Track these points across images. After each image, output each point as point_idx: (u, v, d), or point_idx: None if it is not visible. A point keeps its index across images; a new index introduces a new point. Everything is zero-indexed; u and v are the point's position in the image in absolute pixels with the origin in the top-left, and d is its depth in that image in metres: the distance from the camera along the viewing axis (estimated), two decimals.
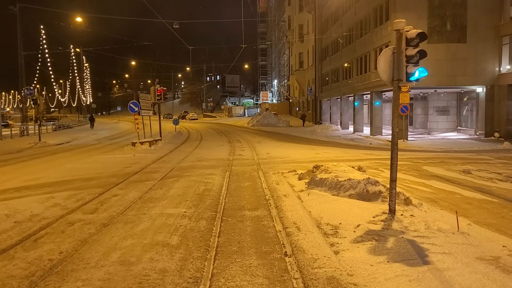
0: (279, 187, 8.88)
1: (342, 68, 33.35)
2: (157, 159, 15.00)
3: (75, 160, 15.49)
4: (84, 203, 7.66)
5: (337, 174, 7.75)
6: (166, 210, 7.05)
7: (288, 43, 60.13)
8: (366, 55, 26.98)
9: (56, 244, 5.24)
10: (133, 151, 17.22)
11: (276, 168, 12.06)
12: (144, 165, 13.29)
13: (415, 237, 4.97)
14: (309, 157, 14.95)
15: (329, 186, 7.52)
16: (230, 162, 13.75)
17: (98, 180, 10.48)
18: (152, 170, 12.07)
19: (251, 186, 9.21)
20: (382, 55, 5.83)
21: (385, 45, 23.38)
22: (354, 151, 17.55)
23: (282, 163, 13.21)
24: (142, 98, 18.98)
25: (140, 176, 11.06)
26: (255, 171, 11.57)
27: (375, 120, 25.78)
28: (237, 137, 27.51)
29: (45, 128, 37.37)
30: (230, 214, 6.68)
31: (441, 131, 26.20)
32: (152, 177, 10.79)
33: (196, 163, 13.57)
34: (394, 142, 5.75)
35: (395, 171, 5.75)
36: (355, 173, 7.82)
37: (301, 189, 8.25)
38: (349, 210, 6.17)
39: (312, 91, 44.38)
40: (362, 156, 15.33)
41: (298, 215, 6.36)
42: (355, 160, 13.88)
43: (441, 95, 26.15)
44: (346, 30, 31.09)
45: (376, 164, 12.83)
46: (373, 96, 25.73)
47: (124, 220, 6.43)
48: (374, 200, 6.71)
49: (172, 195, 8.32)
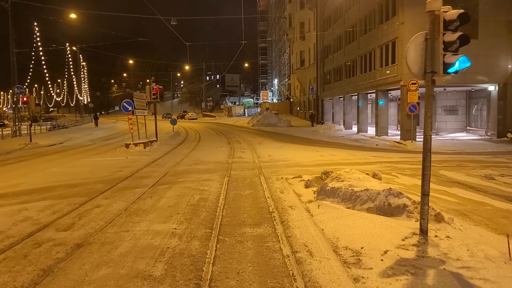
0: (284, 196, 7.86)
1: (345, 66, 32.33)
2: (150, 162, 13.98)
3: (63, 163, 14.47)
4: (60, 216, 6.65)
5: (351, 183, 6.73)
6: (153, 226, 6.03)
7: (288, 41, 59.11)
8: (370, 52, 25.94)
9: (12, 275, 4.23)
10: (126, 153, 16.21)
11: (279, 172, 11.05)
12: (136, 169, 12.28)
13: (459, 269, 3.96)
14: (314, 160, 13.94)
15: (342, 197, 6.51)
16: (229, 165, 12.73)
17: (83, 186, 9.47)
18: (144, 175, 11.06)
19: (252, 194, 8.19)
20: (412, 42, 4.80)
21: (391, 41, 22.36)
22: (361, 153, 16.53)
23: (286, 167, 12.20)
24: (136, 97, 17.97)
25: (130, 182, 10.05)
26: (257, 176, 10.55)
27: (380, 120, 24.75)
28: (237, 137, 26.49)
29: (39, 128, 36.38)
30: (228, 232, 5.67)
31: (450, 131, 25.17)
32: (142, 183, 9.78)
33: (192, 167, 12.55)
34: (427, 148, 4.73)
35: (427, 183, 4.73)
36: (372, 182, 6.81)
37: (310, 200, 7.24)
38: (371, 228, 5.16)
39: (313, 90, 43.35)
40: (370, 159, 14.31)
41: (309, 234, 5.34)
42: (364, 164, 12.87)
43: (449, 93, 25.11)
44: (349, 27, 30.05)
45: (388, 168, 11.81)
46: (379, 95, 24.70)
47: (102, 239, 5.41)
48: (397, 215, 5.70)
49: (163, 206, 7.30)
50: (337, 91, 34.93)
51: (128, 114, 17.93)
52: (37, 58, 37.86)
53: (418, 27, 20.72)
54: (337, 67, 35.10)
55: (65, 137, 29.75)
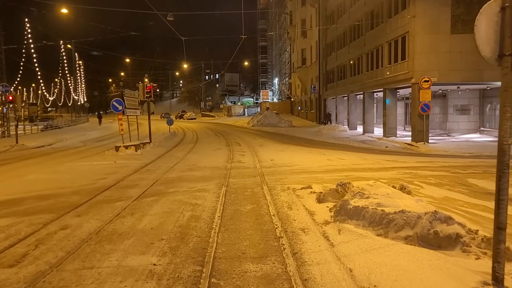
0: (293, 214, 6.48)
1: (349, 64, 30.93)
2: (140, 167, 12.60)
3: (44, 168, 13.08)
4: (12, 244, 5.27)
5: (379, 201, 5.35)
6: (127, 259, 4.65)
7: (289, 39, 57.77)
8: (377, 48, 24.55)
9: None
10: (115, 157, 14.82)
11: (284, 180, 9.68)
12: (122, 176, 10.89)
13: None
14: (322, 165, 12.55)
15: (370, 219, 5.13)
16: (228, 172, 11.35)
17: (56, 199, 8.09)
18: (130, 184, 9.68)
19: (254, 211, 6.81)
20: (483, 13, 3.41)
21: (401, 36, 20.96)
22: (372, 157, 15.15)
23: (291, 174, 10.82)
24: (127, 96, 16.57)
25: (112, 192, 8.67)
26: (259, 185, 9.17)
27: (388, 120, 23.34)
28: (236, 138, 25.10)
29: (30, 129, 35.06)
30: (224, 270, 4.29)
31: (462, 132, 23.77)
32: (126, 194, 8.40)
33: (186, 174, 11.16)
34: (503, 163, 3.34)
35: (504, 212, 3.35)
36: (406, 200, 5.42)
37: (326, 220, 5.86)
38: (419, 272, 3.77)
39: (316, 89, 41.97)
40: (384, 163, 12.92)
41: (333, 277, 3.96)
42: (378, 170, 11.49)
43: (461, 92, 23.71)
44: (354, 22, 28.65)
45: (407, 175, 10.41)
46: (387, 94, 23.30)
47: (54, 283, 4.03)
48: (448, 248, 4.32)
49: (144, 227, 5.92)
50: (341, 90, 33.55)
51: (118, 114, 16.54)
52: (30, 55, 36.43)
53: (431, 20, 19.37)
54: (340, 65, 33.71)
55: (56, 138, 28.35)
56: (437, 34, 19.09)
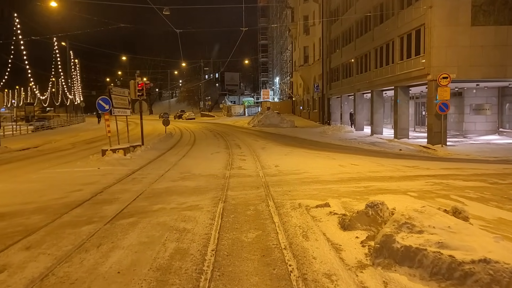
0: (311, 247, 4.85)
1: (356, 60, 29.29)
2: (126, 175, 10.98)
3: (16, 176, 11.45)
4: None
5: (440, 238, 3.73)
6: None
7: (291, 37, 56.20)
8: (388, 43, 22.90)
9: None
10: (100, 162, 13.19)
11: (293, 193, 8.06)
12: (102, 186, 9.28)
13: None
14: (334, 173, 10.92)
15: (431, 269, 3.50)
16: (226, 181, 9.73)
17: (11, 220, 6.49)
18: (108, 198, 8.06)
19: (259, 241, 5.18)
20: None
21: (415, 29, 19.31)
22: (388, 161, 13.52)
23: (300, 184, 9.19)
24: (115, 94, 14.93)
25: (83, 211, 7.05)
26: (263, 200, 7.55)
27: (400, 121, 21.70)
28: (236, 140, 23.48)
29: (21, 130, 33.48)
30: None
31: (479, 133, 22.13)
32: (100, 213, 6.79)
33: (177, 184, 9.54)
34: None
35: None
36: (479, 237, 3.80)
37: (360, 261, 4.24)
38: None
39: (319, 88, 40.33)
40: (405, 170, 11.27)
41: None
42: (401, 179, 9.85)
43: (478, 90, 22.04)
44: (361, 16, 27.01)
45: (439, 186, 8.77)
46: (398, 92, 21.65)
47: None
48: None
49: (108, 272, 4.29)
50: (346, 89, 31.90)
51: (104, 114, 14.93)
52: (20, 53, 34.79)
53: (450, 11, 17.55)
54: (346, 62, 32.06)
55: (45, 140, 26.78)
56: (456, 26, 17.44)
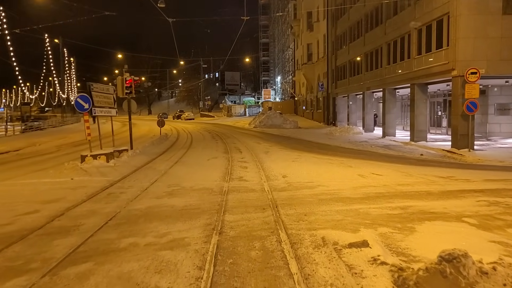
0: None
1: (365, 57, 27.28)
2: (101, 188, 8.99)
3: None
4: None
5: None
6: None
7: (293, 35, 54.21)
8: (403, 37, 20.91)
9: None
10: (75, 170, 11.19)
11: (311, 219, 6.06)
12: (66, 205, 7.29)
13: None
14: (355, 185, 8.91)
15: None
16: (223, 198, 7.72)
17: None
18: (67, 225, 6.08)
19: None
20: None
21: (437, 19, 17.31)
22: (415, 170, 11.50)
23: (318, 204, 7.17)
24: (96, 91, 12.93)
25: (24, 248, 5.07)
26: (272, 231, 5.54)
27: (417, 122, 19.70)
28: (237, 143, 21.48)
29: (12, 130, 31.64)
30: None
31: (504, 135, 20.13)
32: (45, 253, 4.81)
33: (161, 203, 7.53)
34: None
35: None
36: None
37: None
38: None
39: (323, 87, 38.33)
40: (442, 183, 9.25)
41: None
42: (441, 196, 7.83)
43: (503, 88, 20.00)
44: (371, 8, 24.99)
45: (496, 207, 6.75)
46: (415, 90, 19.64)
47: None
48: None
49: None
50: (354, 87, 29.88)
51: (84, 114, 12.95)
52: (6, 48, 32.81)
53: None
54: (354, 59, 30.05)
55: (30, 142, 24.83)
56: (485, 15, 15.46)
